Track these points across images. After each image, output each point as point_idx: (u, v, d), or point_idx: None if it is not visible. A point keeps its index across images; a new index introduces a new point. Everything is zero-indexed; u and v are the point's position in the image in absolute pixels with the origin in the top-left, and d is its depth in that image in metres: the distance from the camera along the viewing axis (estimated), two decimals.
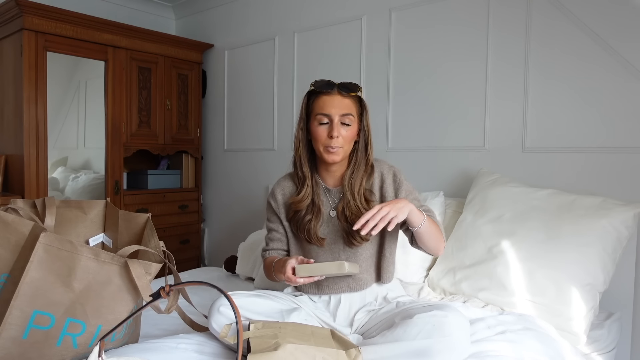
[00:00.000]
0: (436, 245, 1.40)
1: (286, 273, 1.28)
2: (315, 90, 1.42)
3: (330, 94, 1.40)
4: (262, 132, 3.07)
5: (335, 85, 1.40)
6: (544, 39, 1.94)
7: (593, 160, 1.85)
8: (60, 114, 2.82)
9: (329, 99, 1.39)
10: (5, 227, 1.07)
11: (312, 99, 1.43)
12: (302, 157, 1.46)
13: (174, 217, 3.25)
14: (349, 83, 1.41)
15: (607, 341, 1.57)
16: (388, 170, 1.47)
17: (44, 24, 2.55)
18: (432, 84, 2.28)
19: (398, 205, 1.25)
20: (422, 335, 1.10)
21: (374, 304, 1.43)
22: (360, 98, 1.45)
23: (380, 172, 1.47)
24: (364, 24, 2.51)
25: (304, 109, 1.45)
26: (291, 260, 1.30)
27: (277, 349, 1.00)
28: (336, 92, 1.40)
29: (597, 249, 1.55)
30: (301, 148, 1.45)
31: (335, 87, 1.40)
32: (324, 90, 1.40)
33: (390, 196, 1.44)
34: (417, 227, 1.32)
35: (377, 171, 1.47)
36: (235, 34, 3.23)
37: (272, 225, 1.55)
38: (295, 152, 1.47)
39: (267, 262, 1.51)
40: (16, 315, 1.01)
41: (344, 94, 1.40)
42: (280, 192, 1.52)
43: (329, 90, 1.40)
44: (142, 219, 1.33)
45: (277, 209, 1.52)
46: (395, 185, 1.46)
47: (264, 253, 1.56)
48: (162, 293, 0.98)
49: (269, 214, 1.56)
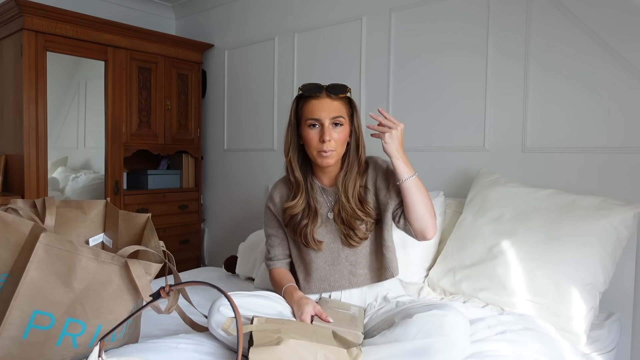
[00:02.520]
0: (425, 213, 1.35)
1: (303, 318, 1.28)
2: (304, 95, 1.41)
3: (318, 97, 1.38)
4: (262, 132, 3.07)
5: (323, 88, 1.38)
6: (544, 39, 1.95)
7: (593, 160, 1.85)
8: (60, 114, 2.81)
9: (318, 102, 1.38)
10: (5, 227, 1.07)
11: (301, 104, 1.43)
12: (292, 162, 1.45)
13: (174, 217, 3.25)
14: (337, 85, 1.39)
15: (607, 341, 1.56)
16: (382, 163, 1.48)
17: (44, 24, 2.55)
18: (432, 84, 2.28)
19: (399, 138, 1.32)
20: (422, 335, 1.10)
21: (373, 304, 1.44)
22: (349, 99, 1.44)
23: (374, 166, 1.48)
24: (364, 24, 2.51)
25: (293, 114, 1.45)
26: (308, 309, 1.28)
27: (279, 344, 1.00)
28: (325, 95, 1.38)
29: (597, 249, 1.55)
30: (291, 153, 1.45)
31: (324, 90, 1.38)
32: (313, 94, 1.39)
33: (384, 187, 1.45)
34: (405, 178, 1.33)
35: (371, 166, 1.48)
36: (235, 34, 3.23)
37: (272, 230, 1.55)
38: (286, 157, 1.46)
39: (275, 277, 1.52)
40: (16, 315, 1.01)
41: (333, 97, 1.38)
42: (278, 195, 1.52)
43: (317, 93, 1.38)
44: (142, 219, 1.33)
45: (277, 213, 1.52)
46: (386, 176, 1.45)
47: (269, 263, 1.56)
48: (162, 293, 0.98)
49: (268, 219, 1.55)
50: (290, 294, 1.39)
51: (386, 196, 1.44)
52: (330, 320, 1.25)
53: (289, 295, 1.39)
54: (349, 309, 1.38)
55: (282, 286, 1.44)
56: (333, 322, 1.25)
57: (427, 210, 1.36)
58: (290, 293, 1.39)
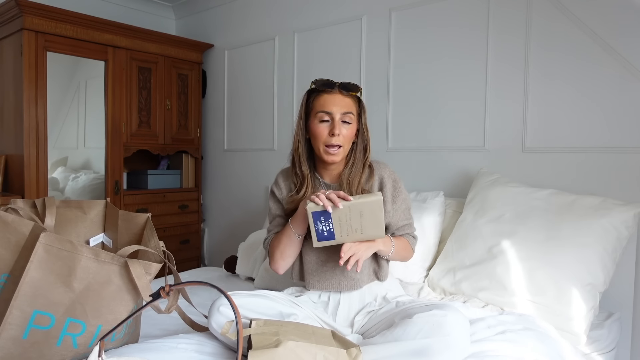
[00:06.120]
0: (402, 260, 1.54)
1: (315, 196, 1.27)
2: (316, 89, 1.43)
3: (331, 92, 1.40)
4: (262, 132, 3.07)
5: (336, 85, 1.41)
6: (544, 38, 1.94)
7: (593, 160, 1.85)
8: (60, 114, 2.82)
9: (330, 97, 1.40)
10: (6, 227, 1.07)
11: (312, 98, 1.44)
12: (301, 156, 1.46)
13: (174, 217, 3.25)
14: (350, 83, 1.42)
15: (607, 341, 1.56)
16: (389, 176, 1.48)
17: (44, 24, 2.55)
18: (432, 83, 2.28)
19: (362, 248, 1.33)
20: (422, 335, 1.10)
21: (373, 304, 1.43)
22: (359, 98, 1.46)
23: (381, 176, 1.47)
24: (363, 24, 2.51)
25: (303, 107, 1.46)
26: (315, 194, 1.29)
27: (278, 346, 1.00)
28: (337, 91, 1.41)
29: (597, 249, 1.55)
30: (300, 147, 1.45)
31: (337, 86, 1.41)
32: (325, 88, 1.41)
33: (387, 201, 1.45)
34: (385, 256, 1.45)
35: (377, 174, 1.47)
36: (235, 34, 3.23)
37: (277, 212, 1.53)
38: (295, 150, 1.47)
39: (274, 238, 1.48)
40: (16, 315, 1.01)
41: (345, 93, 1.41)
42: (283, 183, 1.52)
43: (330, 89, 1.40)
44: (142, 219, 1.33)
45: (281, 198, 1.52)
46: (394, 192, 1.47)
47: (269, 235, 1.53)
48: (162, 293, 0.98)
49: (273, 203, 1.54)
50: (294, 216, 1.40)
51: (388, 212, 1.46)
52: (350, 198, 1.26)
53: (295, 215, 1.40)
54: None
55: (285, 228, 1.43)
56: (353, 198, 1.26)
57: (403, 259, 1.53)
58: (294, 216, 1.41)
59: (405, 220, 1.51)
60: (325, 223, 1.28)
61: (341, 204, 1.25)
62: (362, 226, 1.28)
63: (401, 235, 1.51)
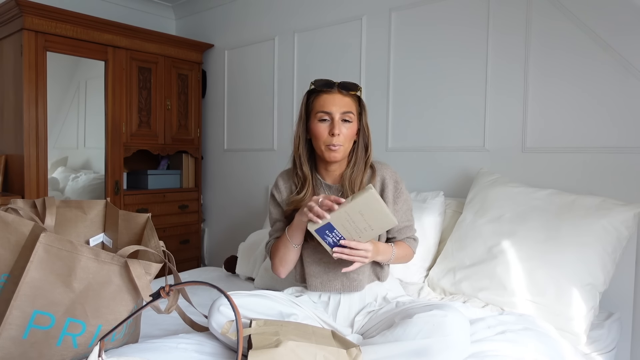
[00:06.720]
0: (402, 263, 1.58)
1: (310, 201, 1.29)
2: (316, 89, 1.43)
3: (330, 92, 1.41)
4: (262, 132, 3.07)
5: (335, 84, 1.41)
6: (544, 38, 1.95)
7: (593, 160, 1.85)
8: (60, 114, 2.82)
9: (329, 97, 1.40)
10: (6, 227, 1.07)
11: (312, 98, 1.44)
12: (302, 156, 1.46)
13: (174, 217, 3.25)
14: (349, 82, 1.42)
15: (607, 341, 1.57)
16: (391, 177, 1.47)
17: (44, 24, 2.55)
18: (432, 83, 2.28)
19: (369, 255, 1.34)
20: (422, 335, 1.10)
21: (373, 304, 1.43)
22: (359, 98, 1.46)
23: (382, 176, 1.47)
24: (363, 24, 2.51)
25: (303, 107, 1.46)
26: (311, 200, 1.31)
27: (278, 346, 1.00)
28: (336, 90, 1.41)
29: (597, 249, 1.55)
30: (301, 147, 1.46)
31: (336, 85, 1.41)
32: (325, 88, 1.41)
33: (389, 202, 1.45)
34: (385, 263, 1.47)
35: (379, 175, 1.47)
36: (235, 34, 3.23)
37: (278, 216, 1.54)
38: (295, 151, 1.47)
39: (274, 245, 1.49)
40: (16, 315, 1.01)
41: (344, 93, 1.41)
42: (284, 185, 1.52)
43: (329, 88, 1.41)
44: (142, 219, 1.33)
45: (281, 202, 1.52)
46: (395, 194, 1.47)
47: (270, 240, 1.54)
48: (162, 293, 0.98)
49: (273, 207, 1.54)
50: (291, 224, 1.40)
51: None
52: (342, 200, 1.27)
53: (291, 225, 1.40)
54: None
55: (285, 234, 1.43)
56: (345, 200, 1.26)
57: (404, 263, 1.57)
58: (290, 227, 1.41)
59: (407, 221, 1.51)
60: (332, 234, 1.29)
61: (336, 207, 1.25)
62: (369, 224, 1.27)
63: (402, 240, 1.51)
